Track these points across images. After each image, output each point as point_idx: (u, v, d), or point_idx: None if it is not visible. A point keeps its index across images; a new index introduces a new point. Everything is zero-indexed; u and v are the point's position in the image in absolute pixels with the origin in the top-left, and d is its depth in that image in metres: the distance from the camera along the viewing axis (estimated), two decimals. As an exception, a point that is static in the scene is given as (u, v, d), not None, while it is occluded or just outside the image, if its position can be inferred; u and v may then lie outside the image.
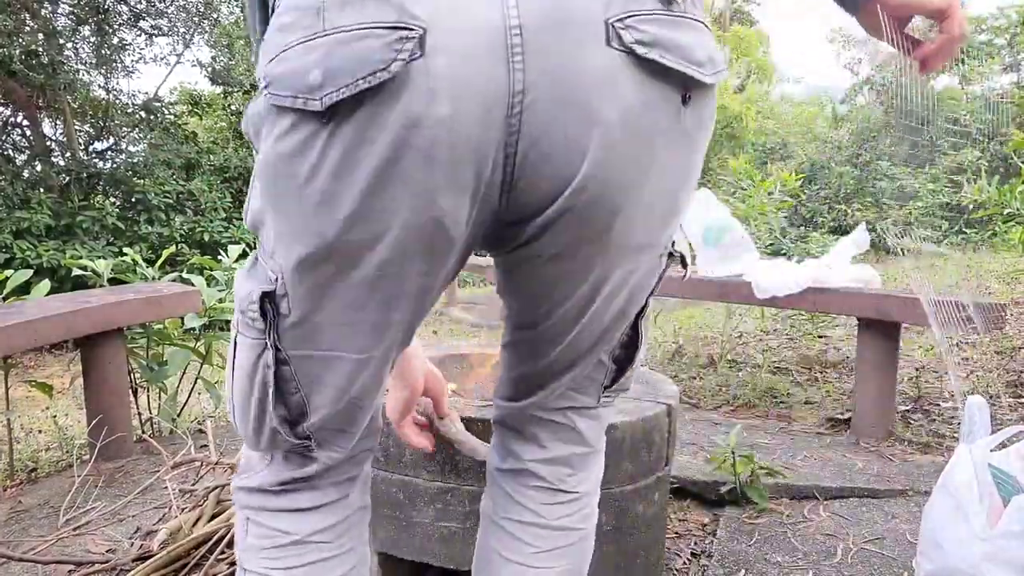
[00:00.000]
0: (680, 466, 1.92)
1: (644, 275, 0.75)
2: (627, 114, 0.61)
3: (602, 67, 0.59)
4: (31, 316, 1.85)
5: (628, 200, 0.65)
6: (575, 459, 0.85)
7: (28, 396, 3.21)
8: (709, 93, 0.66)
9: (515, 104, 0.59)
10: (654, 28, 0.60)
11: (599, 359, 0.80)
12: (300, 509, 0.76)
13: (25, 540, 1.64)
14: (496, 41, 0.58)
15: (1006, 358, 2.95)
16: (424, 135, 0.58)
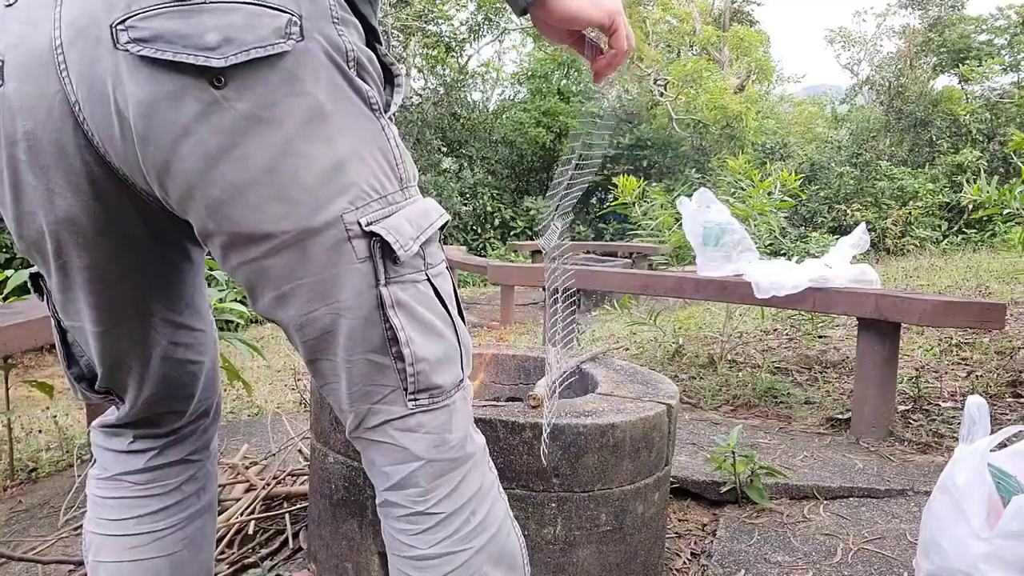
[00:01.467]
0: (680, 466, 1.92)
1: (317, 268, 0.70)
2: (144, 108, 0.65)
3: (111, 69, 0.65)
4: (31, 316, 1.86)
5: (200, 189, 0.67)
6: (420, 478, 0.76)
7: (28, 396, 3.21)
8: (270, 68, 0.65)
9: (78, 112, 0.68)
10: (157, 23, 0.63)
11: (368, 360, 0.73)
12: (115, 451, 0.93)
13: (25, 540, 1.64)
14: (47, 61, 0.67)
15: (1006, 358, 2.95)
16: (20, 148, 0.70)
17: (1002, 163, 11.44)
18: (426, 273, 0.76)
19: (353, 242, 0.70)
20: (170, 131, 0.65)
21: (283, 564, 1.49)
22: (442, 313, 0.77)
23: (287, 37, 0.65)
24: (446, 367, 0.77)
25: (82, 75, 0.66)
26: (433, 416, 0.76)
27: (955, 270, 5.54)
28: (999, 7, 13.09)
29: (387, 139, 0.74)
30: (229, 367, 2.58)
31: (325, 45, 0.68)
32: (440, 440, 0.76)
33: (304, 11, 0.67)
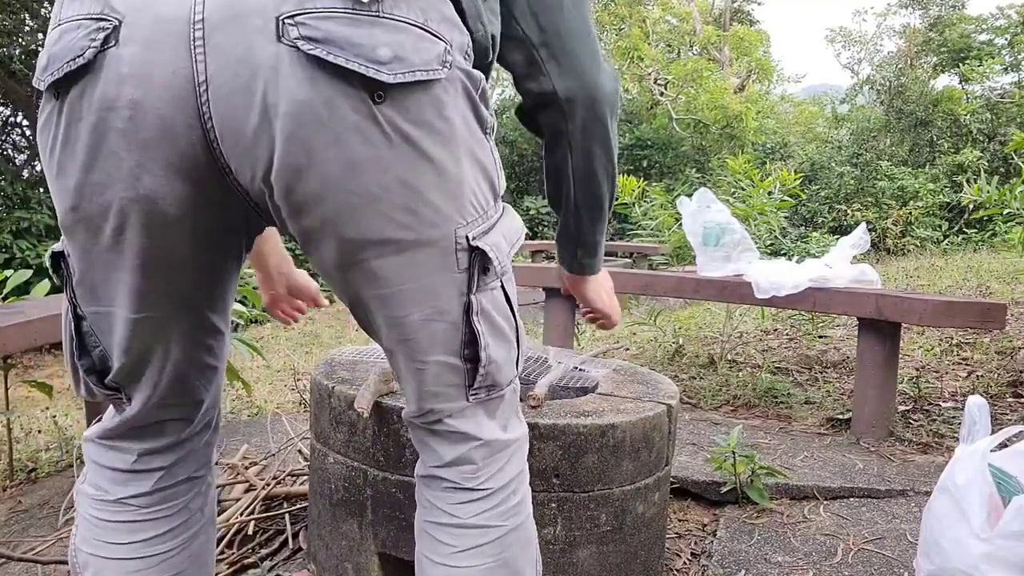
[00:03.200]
0: (680, 466, 1.92)
1: (422, 275, 0.73)
2: (299, 107, 0.64)
3: (269, 62, 0.63)
4: (31, 316, 1.85)
5: (332, 191, 0.68)
6: (474, 456, 0.82)
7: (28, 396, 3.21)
8: (422, 92, 0.68)
9: (201, 93, 0.64)
10: (329, 25, 0.63)
11: (443, 362, 0.78)
12: (118, 470, 0.87)
13: (25, 540, 1.64)
14: (180, 33, 0.63)
15: (1006, 358, 2.94)
16: (120, 116, 0.66)
17: (1002, 163, 11.44)
18: (500, 279, 0.81)
19: (458, 254, 0.74)
20: (320, 135, 0.65)
21: (283, 564, 1.49)
22: (509, 316, 0.82)
23: (443, 65, 0.69)
24: (508, 366, 0.83)
25: (227, 59, 0.63)
26: (487, 406, 0.83)
27: (955, 270, 5.54)
28: (999, 7, 13.09)
29: (492, 158, 0.79)
30: (229, 367, 2.58)
31: (462, 75, 0.72)
32: (498, 426, 0.84)
33: (454, 42, 0.71)
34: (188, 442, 0.91)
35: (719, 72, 14.79)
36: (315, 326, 6.39)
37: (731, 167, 4.01)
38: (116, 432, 0.87)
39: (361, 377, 1.41)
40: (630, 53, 14.18)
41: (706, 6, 17.45)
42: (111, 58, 0.65)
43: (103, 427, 0.88)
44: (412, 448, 1.25)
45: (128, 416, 0.85)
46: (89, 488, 0.89)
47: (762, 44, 16.74)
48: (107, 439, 0.88)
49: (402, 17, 0.66)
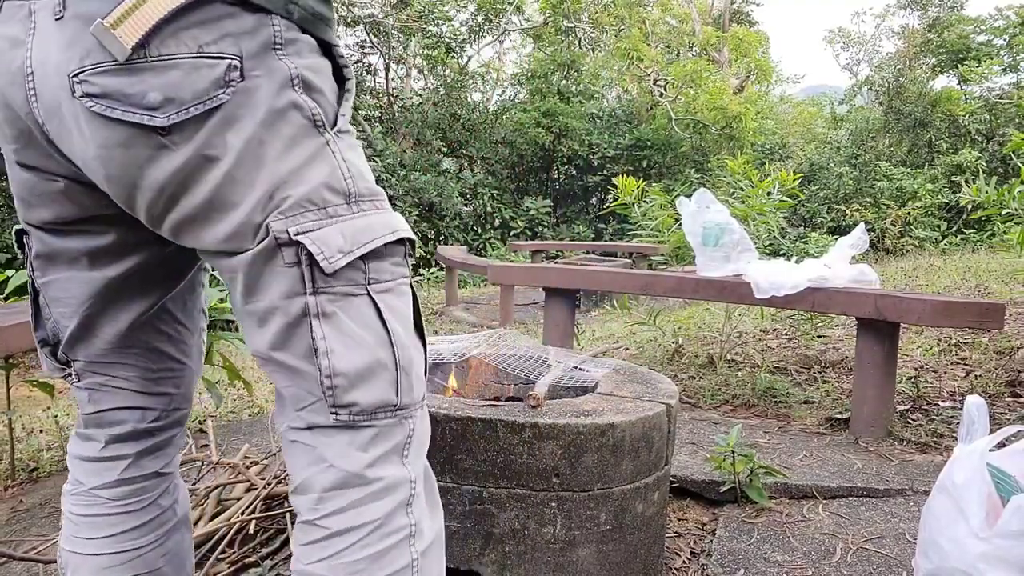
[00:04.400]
0: (680, 465, 1.92)
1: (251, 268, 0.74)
2: (102, 152, 0.71)
3: (71, 115, 0.71)
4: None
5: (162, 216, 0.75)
6: (318, 482, 0.74)
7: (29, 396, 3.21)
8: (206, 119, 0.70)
9: (50, 136, 0.75)
10: (103, 79, 0.69)
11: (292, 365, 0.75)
12: (87, 459, 0.92)
13: (26, 540, 1.64)
14: (20, 82, 0.73)
15: (1005, 358, 2.95)
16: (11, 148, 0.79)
17: (1001, 163, 11.45)
18: (366, 288, 0.75)
19: (283, 249, 0.73)
20: (127, 172, 0.72)
21: (284, 564, 1.49)
22: (378, 330, 0.75)
23: (226, 86, 0.70)
24: (368, 385, 0.74)
25: (49, 110, 0.73)
26: (355, 433, 0.75)
27: (954, 270, 5.55)
28: (998, 7, 13.10)
29: (332, 154, 0.75)
30: (229, 367, 2.58)
31: (267, 77, 0.72)
32: (349, 453, 0.74)
33: (244, 50, 0.71)
34: (154, 435, 0.94)
35: (718, 73, 14.79)
36: (315, 326, 6.39)
37: (730, 168, 4.02)
38: (87, 419, 0.92)
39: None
40: (630, 54, 14.18)
41: (705, 7, 17.45)
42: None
43: (79, 416, 0.93)
44: (413, 447, 1.25)
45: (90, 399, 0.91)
46: (68, 485, 0.93)
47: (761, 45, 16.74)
48: (82, 428, 0.93)
49: (170, 55, 0.68)
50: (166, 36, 0.68)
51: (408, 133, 13.17)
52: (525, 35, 16.51)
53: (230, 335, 2.60)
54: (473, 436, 1.23)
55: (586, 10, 15.30)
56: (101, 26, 0.67)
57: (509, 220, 12.75)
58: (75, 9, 0.69)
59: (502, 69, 16.68)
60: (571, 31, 15.39)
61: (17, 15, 0.73)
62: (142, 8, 0.67)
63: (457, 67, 14.77)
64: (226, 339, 2.57)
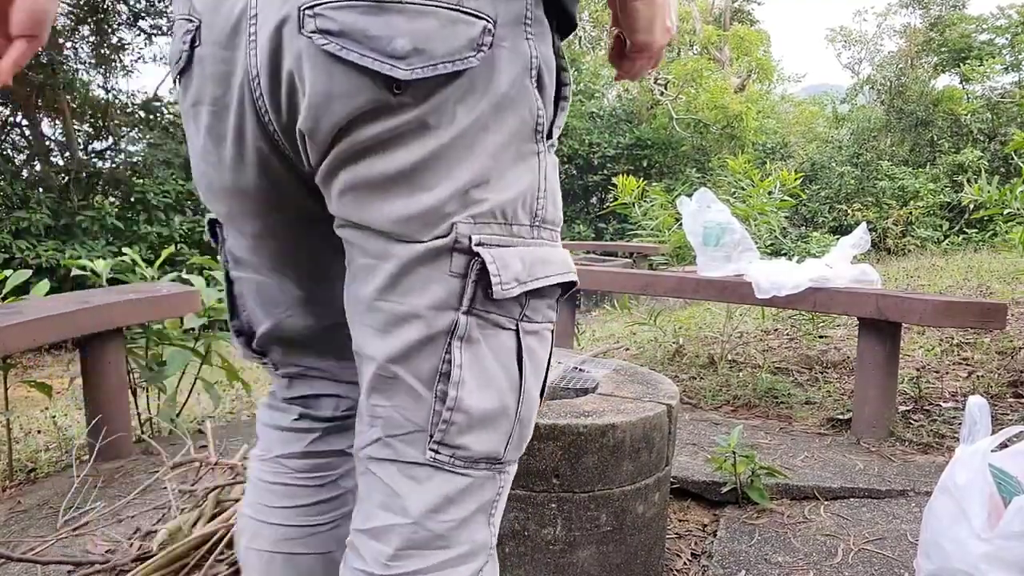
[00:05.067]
0: (680, 466, 1.92)
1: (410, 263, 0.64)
2: (320, 99, 0.62)
3: (292, 57, 0.62)
4: (30, 316, 1.85)
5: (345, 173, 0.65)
6: (396, 534, 0.65)
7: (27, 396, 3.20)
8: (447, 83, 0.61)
9: (255, 87, 0.65)
10: (345, 16, 0.60)
11: (408, 384, 0.65)
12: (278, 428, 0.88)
13: (24, 540, 1.64)
14: (240, 28, 0.65)
15: (1007, 358, 2.94)
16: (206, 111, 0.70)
17: (1003, 163, 11.44)
18: (517, 324, 0.67)
19: (455, 254, 0.64)
20: (338, 120, 0.62)
21: (282, 565, 1.49)
22: (513, 373, 0.67)
23: (478, 49, 0.61)
24: (487, 433, 0.66)
25: (265, 50, 0.63)
26: (446, 480, 0.66)
27: (956, 270, 5.54)
28: (1000, 6, 13.09)
29: (537, 170, 0.67)
30: (228, 367, 2.58)
31: (512, 52, 0.64)
32: (441, 508, 0.66)
33: (500, 15, 0.63)
34: (346, 419, 0.88)
35: (719, 72, 14.79)
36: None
37: (731, 167, 4.01)
38: (280, 395, 0.89)
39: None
40: (630, 53, 14.15)
41: (706, 6, 17.44)
42: (197, 59, 0.69)
43: (272, 391, 0.91)
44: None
45: (283, 385, 0.88)
46: (256, 450, 0.90)
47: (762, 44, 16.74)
48: (274, 401, 0.90)
49: (425, 1, 0.60)
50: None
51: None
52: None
53: (229, 335, 2.60)
54: (472, 437, 1.22)
55: (586, 9, 15.30)
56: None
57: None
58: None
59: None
60: (572, 30, 15.34)
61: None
62: None
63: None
64: (225, 339, 2.56)
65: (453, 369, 0.64)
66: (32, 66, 8.63)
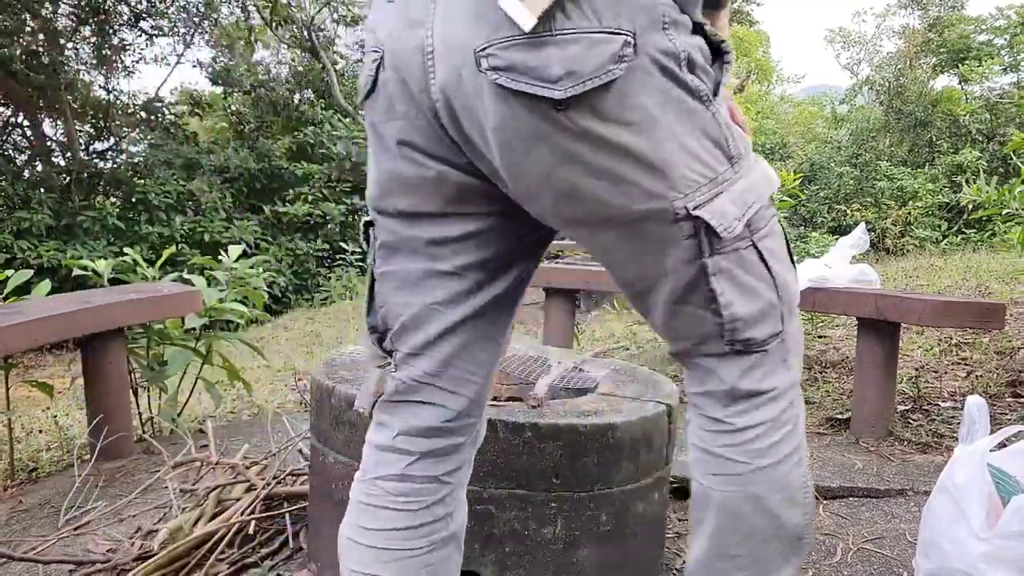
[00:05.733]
0: (680, 466, 1.92)
1: (643, 244, 0.81)
2: (501, 123, 0.75)
3: (473, 89, 0.75)
4: (31, 316, 1.86)
5: (542, 189, 0.79)
6: (722, 394, 0.88)
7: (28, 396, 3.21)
8: (602, 93, 0.73)
9: (440, 111, 0.78)
10: (509, 53, 0.72)
11: (690, 314, 0.85)
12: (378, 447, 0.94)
13: (26, 540, 1.64)
14: (418, 62, 0.77)
15: (1005, 358, 2.95)
16: (397, 126, 0.82)
17: (1001, 163, 11.44)
18: (751, 239, 0.82)
19: (680, 224, 0.78)
20: (521, 144, 0.75)
21: (283, 564, 1.49)
22: (763, 274, 0.84)
23: (620, 60, 0.72)
24: (762, 323, 0.85)
25: (448, 86, 0.76)
26: (745, 359, 0.86)
27: (955, 270, 5.54)
28: (999, 7, 13.09)
29: (717, 124, 0.79)
30: (229, 367, 2.58)
31: (656, 55, 0.74)
32: (746, 374, 0.87)
33: (638, 26, 0.73)
34: (443, 435, 0.93)
35: (719, 72, 14.77)
36: (315, 326, 6.39)
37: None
38: (389, 407, 0.94)
39: (361, 377, 1.41)
40: (630, 53, 14.15)
41: (706, 6, 17.42)
42: (382, 82, 0.82)
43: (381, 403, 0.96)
44: (412, 448, 1.25)
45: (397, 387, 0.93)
46: (359, 472, 0.96)
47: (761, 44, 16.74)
48: (378, 414, 0.96)
49: (571, 30, 0.71)
50: (569, 10, 0.71)
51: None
52: (525, 35, 16.46)
53: (230, 335, 2.60)
54: (473, 436, 1.23)
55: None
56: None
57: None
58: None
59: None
60: (571, 31, 15.33)
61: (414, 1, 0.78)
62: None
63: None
64: (225, 339, 2.57)
65: (718, 296, 0.82)
66: (34, 67, 8.63)
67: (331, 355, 1.61)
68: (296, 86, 12.67)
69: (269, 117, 12.24)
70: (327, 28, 13.54)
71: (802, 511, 0.91)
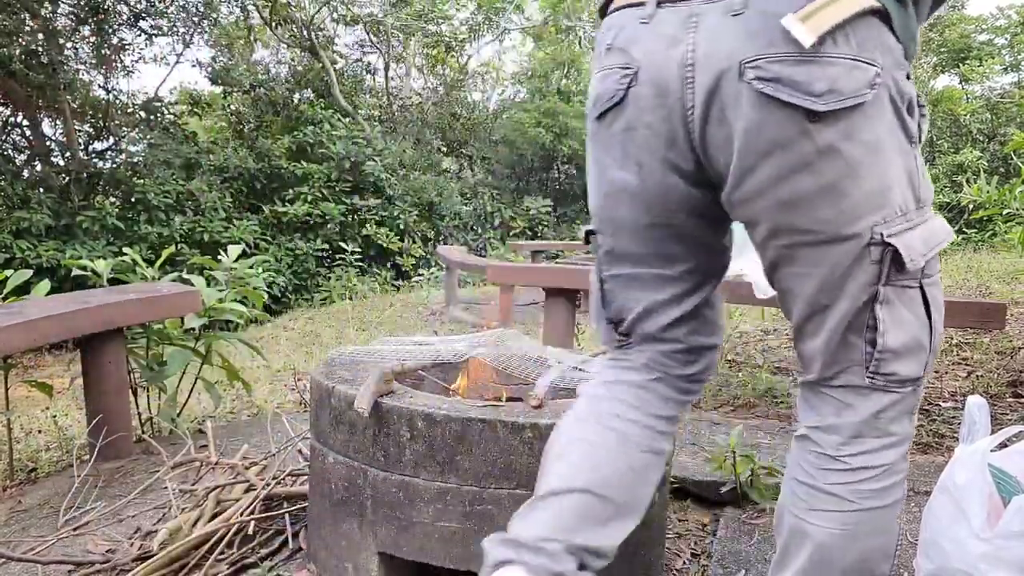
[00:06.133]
0: (680, 466, 1.92)
1: (834, 262, 0.89)
2: (751, 126, 0.85)
3: (731, 95, 0.85)
4: (31, 316, 1.85)
5: (771, 191, 0.87)
6: (845, 430, 0.94)
7: (28, 396, 3.21)
8: (851, 112, 0.84)
9: (689, 117, 0.89)
10: (777, 67, 0.83)
11: (845, 339, 0.92)
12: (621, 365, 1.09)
13: (25, 540, 1.64)
14: (675, 75, 0.88)
15: (1006, 358, 2.95)
16: (640, 134, 0.93)
17: (1002, 163, 11.44)
18: (920, 281, 0.91)
19: (871, 248, 0.87)
20: (764, 147, 0.85)
21: (283, 564, 1.49)
22: (922, 316, 0.92)
23: (872, 88, 0.83)
24: (908, 361, 0.92)
25: (705, 93, 0.87)
26: (882, 396, 0.93)
27: (955, 270, 5.54)
28: (999, 7, 13.11)
29: (915, 166, 0.90)
30: (228, 367, 2.58)
31: (892, 91, 0.86)
32: (879, 414, 0.93)
33: (885, 63, 0.85)
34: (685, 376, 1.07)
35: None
36: (315, 326, 6.39)
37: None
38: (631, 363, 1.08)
39: (361, 377, 1.41)
40: (630, 53, 14.16)
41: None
42: (634, 95, 0.92)
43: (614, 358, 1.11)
44: (412, 448, 1.25)
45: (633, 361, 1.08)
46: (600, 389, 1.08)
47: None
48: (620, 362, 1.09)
49: (837, 54, 0.82)
50: (837, 37, 0.82)
51: (408, 133, 13.17)
52: (525, 34, 16.49)
53: (230, 335, 2.60)
54: (473, 436, 1.23)
55: (586, 9, 15.29)
56: (793, 18, 0.81)
57: (509, 220, 12.75)
58: (759, 6, 0.84)
59: (502, 68, 16.67)
60: (571, 30, 15.38)
61: (673, 19, 0.89)
62: (827, 9, 0.82)
63: (457, 66, 14.78)
64: (225, 339, 2.57)
65: (878, 324, 0.90)
66: (33, 66, 8.63)
67: (331, 355, 1.61)
68: (296, 86, 12.67)
69: (268, 117, 12.24)
70: (326, 27, 13.54)
71: (889, 565, 0.96)
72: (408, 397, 1.32)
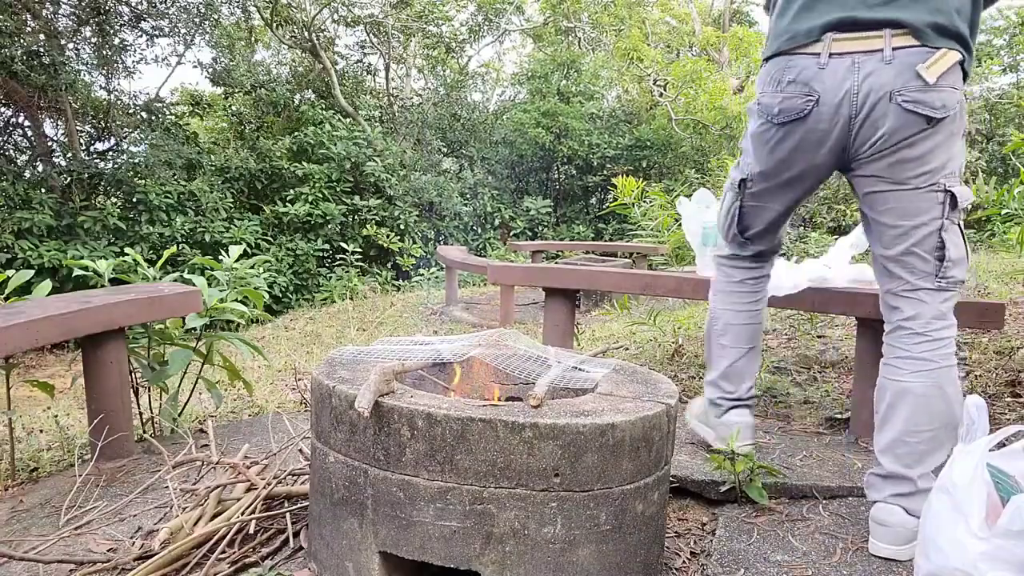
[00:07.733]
0: (679, 465, 1.92)
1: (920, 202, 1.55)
2: (895, 128, 1.53)
3: (881, 110, 1.53)
4: (32, 316, 1.86)
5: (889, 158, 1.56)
6: (926, 313, 1.56)
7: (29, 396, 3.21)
8: (947, 120, 1.51)
9: (853, 124, 1.57)
10: (914, 93, 1.50)
11: (923, 256, 1.56)
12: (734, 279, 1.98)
13: (26, 540, 1.64)
14: (843, 100, 1.55)
15: (1004, 358, 2.95)
16: (815, 135, 1.61)
17: (1001, 163, 11.44)
18: (958, 219, 1.57)
19: (938, 193, 1.54)
20: (898, 137, 1.53)
21: (284, 563, 1.50)
22: (960, 241, 1.56)
23: (957, 104, 1.52)
24: (959, 268, 1.56)
25: (865, 108, 1.53)
26: (943, 293, 1.57)
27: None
28: (998, 8, 13.08)
29: (962, 153, 1.58)
30: (230, 367, 2.59)
31: (957, 108, 1.52)
32: (944, 303, 1.57)
33: (960, 89, 1.52)
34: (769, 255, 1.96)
35: (718, 73, 14.78)
36: (316, 326, 6.39)
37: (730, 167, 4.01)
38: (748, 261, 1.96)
39: (362, 377, 1.42)
40: (630, 54, 14.17)
41: (705, 7, 17.45)
42: (816, 112, 1.59)
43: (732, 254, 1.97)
44: (412, 447, 1.26)
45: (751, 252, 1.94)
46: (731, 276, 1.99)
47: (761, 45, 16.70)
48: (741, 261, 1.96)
49: (945, 86, 1.49)
50: (944, 75, 1.49)
51: (408, 133, 13.17)
52: (525, 35, 16.49)
53: (230, 335, 2.60)
54: (473, 436, 1.23)
55: (586, 10, 15.29)
56: (923, 66, 1.48)
57: (509, 220, 12.75)
58: (902, 60, 1.50)
59: (502, 69, 16.66)
60: (571, 31, 15.38)
61: (841, 66, 1.54)
62: (939, 61, 1.48)
63: (457, 67, 14.78)
64: (226, 339, 2.57)
65: (945, 243, 1.54)
66: (34, 67, 8.62)
67: (331, 355, 1.61)
68: (296, 86, 12.67)
69: (269, 117, 12.24)
70: (327, 28, 13.54)
71: (960, 406, 1.41)
72: (408, 397, 1.33)
